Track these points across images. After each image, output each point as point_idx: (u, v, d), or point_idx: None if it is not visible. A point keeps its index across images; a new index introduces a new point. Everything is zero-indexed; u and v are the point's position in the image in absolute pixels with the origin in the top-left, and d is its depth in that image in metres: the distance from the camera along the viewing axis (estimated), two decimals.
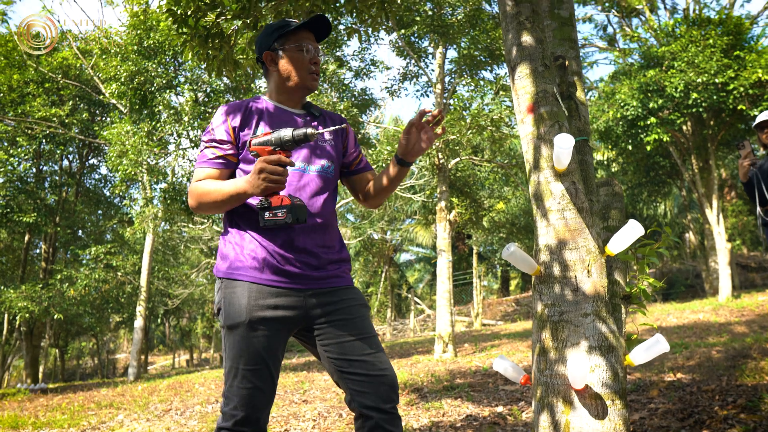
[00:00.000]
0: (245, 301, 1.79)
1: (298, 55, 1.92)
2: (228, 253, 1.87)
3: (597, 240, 2.13)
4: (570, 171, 2.12)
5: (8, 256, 18.82)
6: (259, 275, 1.82)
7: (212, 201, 1.81)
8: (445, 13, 9.17)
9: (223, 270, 1.86)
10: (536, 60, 2.22)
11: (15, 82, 14.33)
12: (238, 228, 1.89)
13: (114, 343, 40.01)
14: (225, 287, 1.84)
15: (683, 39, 12.83)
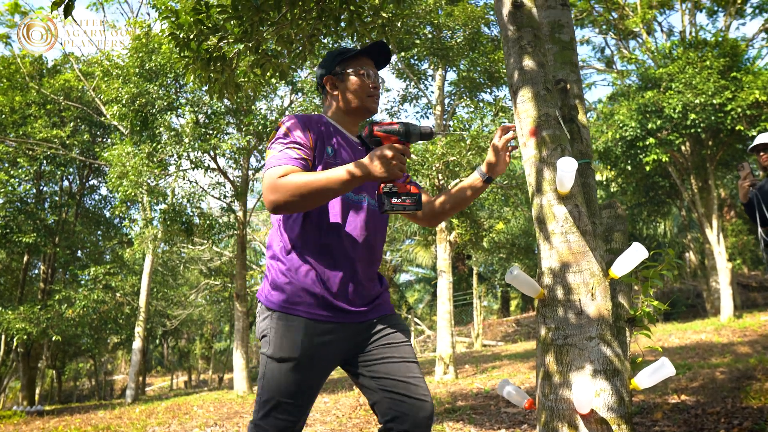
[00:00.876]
0: (300, 337, 1.78)
1: (358, 79, 1.96)
2: (283, 286, 1.81)
3: (600, 263, 2.13)
4: (573, 194, 2.13)
5: (6, 276, 18.75)
6: (315, 311, 1.80)
7: (315, 189, 1.68)
8: (444, 36, 9.27)
9: (277, 302, 1.81)
10: (538, 84, 2.24)
11: (17, 104, 14.42)
12: (298, 254, 1.83)
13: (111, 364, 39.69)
14: (278, 318, 1.80)
15: (680, 61, 12.96)
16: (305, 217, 1.84)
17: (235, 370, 11.33)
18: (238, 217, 11.32)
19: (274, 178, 1.71)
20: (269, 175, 1.74)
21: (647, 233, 23.32)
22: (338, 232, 1.87)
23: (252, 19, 3.85)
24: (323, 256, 1.83)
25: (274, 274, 1.84)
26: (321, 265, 1.82)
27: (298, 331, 1.77)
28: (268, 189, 1.72)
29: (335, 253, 1.85)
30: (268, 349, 1.80)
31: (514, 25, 2.33)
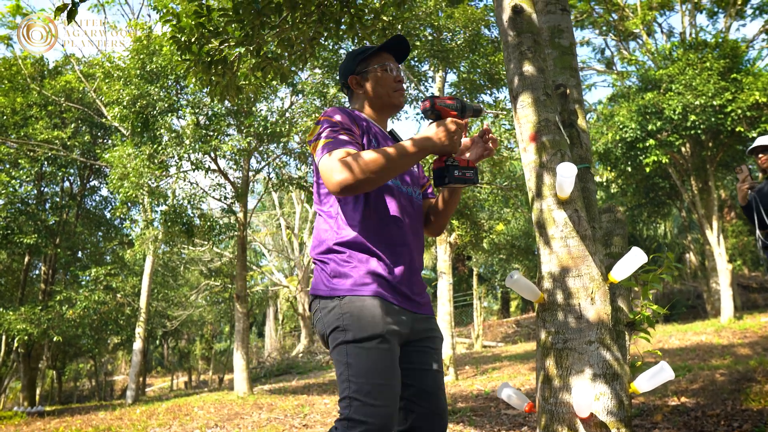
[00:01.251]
0: (378, 313, 1.72)
1: (382, 74, 1.97)
2: (348, 272, 1.77)
3: (600, 267, 2.14)
4: (572, 199, 2.14)
5: (7, 277, 18.77)
6: (385, 291, 1.77)
7: (384, 165, 1.67)
8: (444, 38, 9.29)
9: (346, 287, 1.75)
10: (538, 89, 2.26)
11: (18, 105, 14.45)
12: (360, 243, 1.80)
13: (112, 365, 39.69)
14: (349, 302, 1.73)
15: (680, 62, 12.98)
16: (365, 205, 1.82)
17: (236, 371, 11.34)
18: (239, 218, 11.33)
19: (338, 159, 1.68)
20: (331, 157, 1.70)
21: (647, 234, 23.34)
22: (396, 221, 1.87)
23: (253, 23, 3.87)
24: (385, 244, 1.81)
25: (334, 265, 1.79)
26: (383, 253, 1.80)
27: (374, 308, 1.72)
28: (334, 170, 1.67)
29: (396, 240, 1.84)
30: (348, 335, 1.72)
31: (514, 30, 2.34)
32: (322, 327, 1.78)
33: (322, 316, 1.78)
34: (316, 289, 1.82)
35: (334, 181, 1.67)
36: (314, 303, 1.83)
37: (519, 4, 2.36)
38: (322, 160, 1.73)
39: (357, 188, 1.67)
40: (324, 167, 1.71)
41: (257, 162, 12.36)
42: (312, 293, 1.85)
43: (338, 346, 1.73)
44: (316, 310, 1.82)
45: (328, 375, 14.39)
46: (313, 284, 1.86)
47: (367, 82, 1.98)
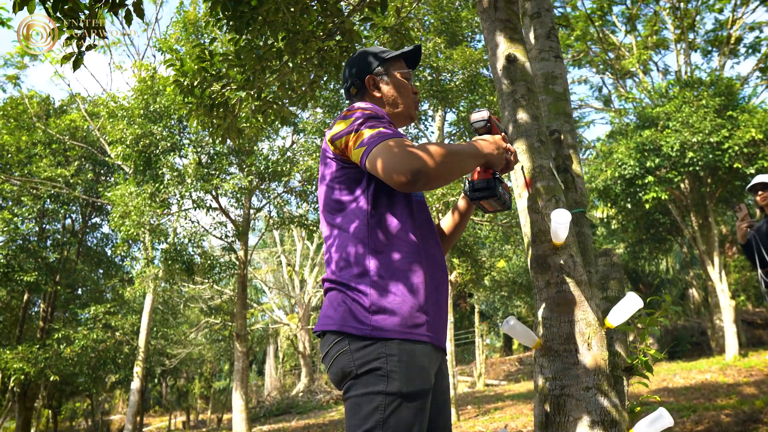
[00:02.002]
0: (427, 361, 1.48)
1: (404, 82, 1.81)
2: (394, 307, 1.46)
3: (596, 312, 2.15)
4: (567, 244, 2.16)
5: (6, 314, 18.66)
6: (431, 333, 1.52)
7: (456, 158, 1.50)
8: (443, 79, 9.46)
9: (395, 327, 1.44)
10: (532, 136, 2.30)
11: (23, 144, 14.62)
12: (405, 269, 1.51)
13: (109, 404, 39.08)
14: (400, 346, 1.43)
15: (677, 100, 13.15)
16: (409, 216, 1.60)
17: (234, 412, 11.18)
18: (239, 256, 11.33)
19: (403, 146, 1.45)
20: (392, 144, 1.45)
21: (649, 270, 23.24)
22: (435, 238, 1.68)
23: (254, 68, 3.96)
24: (430, 269, 1.57)
25: (375, 295, 1.46)
26: (430, 281, 1.55)
27: (426, 358, 1.47)
28: (404, 156, 1.42)
29: (438, 263, 1.64)
30: (392, 385, 1.40)
31: (508, 79, 2.40)
32: (348, 363, 1.43)
33: (350, 351, 1.43)
34: (343, 325, 1.46)
35: (406, 167, 1.40)
36: (339, 343, 1.46)
37: (512, 53, 2.42)
38: (375, 149, 1.46)
39: (434, 179, 1.44)
40: (384, 155, 1.44)
41: (258, 200, 12.43)
42: (335, 328, 1.47)
43: (372, 394, 1.40)
44: (339, 349, 1.46)
45: (329, 415, 14.16)
46: (335, 318, 1.48)
47: (387, 85, 1.79)
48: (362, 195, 1.58)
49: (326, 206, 1.64)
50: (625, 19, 17.33)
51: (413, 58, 1.91)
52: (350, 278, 1.50)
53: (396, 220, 1.56)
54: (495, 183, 1.70)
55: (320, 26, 3.95)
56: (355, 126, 1.55)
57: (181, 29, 10.69)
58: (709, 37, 17.19)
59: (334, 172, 1.62)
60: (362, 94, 1.82)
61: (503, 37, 2.47)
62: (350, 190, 1.59)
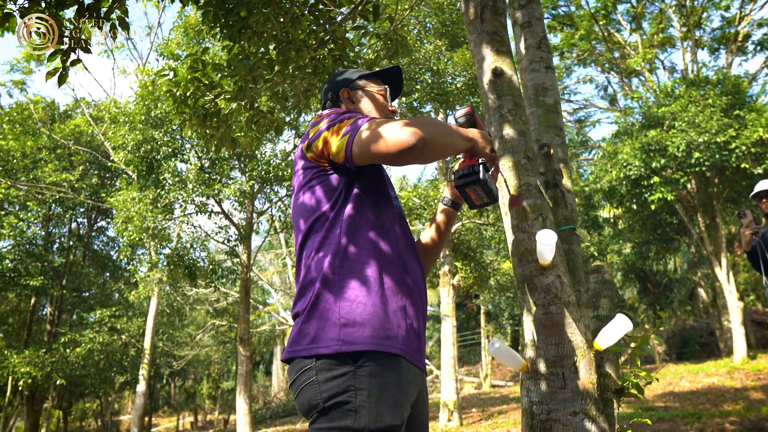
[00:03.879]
0: (402, 386, 1.36)
1: (380, 98, 1.78)
2: (364, 318, 1.35)
3: (585, 333, 2.09)
4: (555, 264, 2.10)
5: (15, 317, 18.79)
6: (410, 349, 1.41)
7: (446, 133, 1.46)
8: (444, 82, 9.40)
9: (362, 339, 1.33)
10: (519, 153, 2.24)
11: (28, 149, 14.70)
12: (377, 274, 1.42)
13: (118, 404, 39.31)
14: (372, 364, 1.32)
15: (683, 99, 13.01)
16: (377, 220, 1.50)
17: (238, 415, 11.18)
18: (242, 260, 11.32)
19: (387, 120, 1.41)
20: (377, 122, 1.42)
21: (657, 269, 23.07)
22: (413, 253, 1.59)
23: (245, 78, 3.92)
24: (403, 280, 1.48)
25: (344, 308, 1.36)
26: (403, 291, 1.45)
27: (399, 387, 1.35)
28: (393, 127, 1.37)
29: (415, 276, 1.54)
30: (358, 421, 1.29)
31: (494, 93, 2.34)
32: (315, 395, 1.32)
33: (318, 382, 1.32)
34: (312, 346, 1.34)
35: (402, 134, 1.35)
36: (305, 372, 1.35)
37: (499, 66, 2.37)
38: (360, 131, 1.42)
39: (430, 145, 1.36)
40: (374, 132, 1.39)
41: (261, 204, 12.42)
42: (303, 354, 1.35)
43: (337, 429, 1.30)
44: (306, 380, 1.34)
45: None
46: (302, 343, 1.37)
47: (362, 98, 1.75)
48: (332, 212, 1.50)
49: (297, 219, 1.56)
50: (630, 17, 17.18)
51: (395, 82, 1.88)
52: (317, 294, 1.40)
53: (372, 232, 1.48)
54: (479, 168, 1.60)
55: (312, 35, 3.91)
56: (330, 123, 1.50)
57: (182, 34, 10.68)
58: (716, 35, 17.01)
59: (307, 183, 1.55)
60: (337, 108, 1.76)
61: (490, 49, 2.41)
62: (318, 207, 1.51)
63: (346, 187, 1.52)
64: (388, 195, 1.62)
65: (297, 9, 3.54)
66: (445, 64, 9.08)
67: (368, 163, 1.47)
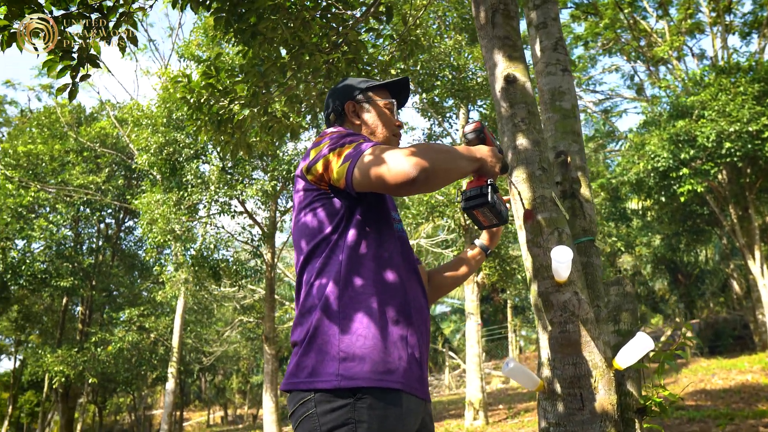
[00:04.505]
0: (403, 420, 1.34)
1: (386, 111, 1.72)
2: (363, 352, 1.33)
3: (604, 352, 2.01)
4: (571, 281, 2.02)
5: (48, 316, 19.27)
6: (411, 382, 1.38)
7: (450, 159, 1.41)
8: (465, 77, 9.26)
9: (363, 375, 1.31)
10: (533, 164, 2.15)
11: (56, 152, 14.98)
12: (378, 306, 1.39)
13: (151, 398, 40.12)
14: (371, 399, 1.29)
15: (712, 87, 12.64)
16: (378, 247, 1.46)
17: (265, 413, 11.27)
18: (266, 260, 11.37)
19: (390, 148, 1.37)
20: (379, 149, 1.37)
21: (688, 260, 22.57)
22: (417, 279, 1.56)
23: (257, 84, 3.89)
24: (406, 310, 1.44)
25: (344, 341, 1.34)
26: (404, 319, 1.42)
27: (400, 420, 1.33)
28: (396, 156, 1.33)
29: (417, 306, 1.50)
30: None
31: (507, 101, 2.26)
32: (314, 428, 1.30)
33: (317, 414, 1.30)
34: (309, 381, 1.32)
35: (404, 165, 1.31)
36: (305, 404, 1.32)
37: (512, 73, 2.28)
38: (362, 157, 1.38)
39: (433, 175, 1.33)
40: (376, 160, 1.35)
41: (284, 202, 12.45)
42: (302, 387, 1.33)
43: None
44: (304, 412, 1.32)
45: None
46: (300, 375, 1.35)
47: (367, 113, 1.70)
48: (334, 234, 1.46)
49: (298, 239, 1.52)
50: (656, 3, 16.72)
51: (401, 93, 1.82)
52: (317, 324, 1.37)
53: (371, 261, 1.44)
54: (488, 189, 1.56)
55: (324, 39, 3.86)
56: (331, 146, 1.46)
57: (202, 35, 10.72)
58: (748, 19, 16.45)
59: (309, 204, 1.51)
60: (341, 121, 1.73)
61: (502, 55, 2.32)
62: (321, 229, 1.47)
63: (348, 211, 1.48)
64: (390, 219, 1.58)
65: (307, 13, 3.49)
66: (465, 59, 8.95)
67: (369, 191, 1.43)
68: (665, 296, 26.25)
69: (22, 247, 15.20)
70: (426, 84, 9.08)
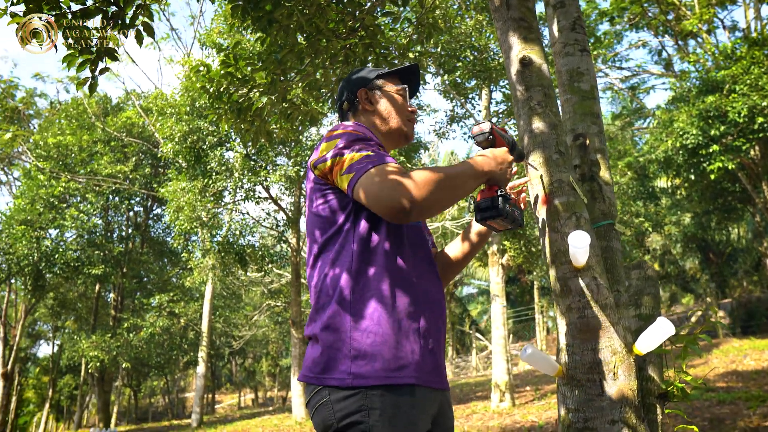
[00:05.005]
0: (416, 411, 1.35)
1: (399, 98, 1.70)
2: (375, 349, 1.33)
3: (624, 337, 1.98)
4: (590, 266, 1.99)
5: (82, 303, 19.81)
6: (426, 375, 1.39)
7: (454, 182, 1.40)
8: (487, 58, 9.13)
9: (372, 373, 1.32)
10: (550, 147, 2.12)
11: (84, 143, 15.27)
12: (390, 302, 1.38)
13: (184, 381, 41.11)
14: (382, 397, 1.31)
15: (744, 61, 12.24)
16: (394, 245, 1.45)
17: (293, 396, 11.46)
18: (291, 245, 11.48)
19: (395, 174, 1.34)
20: (383, 171, 1.35)
21: (720, 239, 22.10)
22: (428, 266, 1.55)
23: (275, 72, 3.90)
24: (419, 303, 1.44)
25: (355, 338, 1.34)
26: (418, 316, 1.42)
27: (414, 407, 1.34)
28: (398, 184, 1.32)
29: (432, 294, 1.50)
30: None
31: (523, 84, 2.22)
32: (329, 416, 1.32)
33: (331, 402, 1.33)
34: (322, 376, 1.35)
35: (393, 199, 1.31)
36: (319, 392, 1.35)
37: (527, 55, 2.24)
38: (362, 177, 1.36)
39: (426, 209, 1.34)
40: (371, 185, 1.34)
41: None
42: (315, 382, 1.36)
43: None
44: (319, 400, 1.35)
45: None
46: (314, 369, 1.37)
47: (381, 99, 1.68)
48: (346, 224, 1.46)
49: (312, 228, 1.53)
50: None
51: (412, 80, 1.80)
52: (329, 320, 1.38)
53: (384, 251, 1.43)
54: (499, 201, 1.54)
55: (341, 24, 3.84)
56: (338, 149, 1.44)
57: (223, 22, 10.75)
58: None
59: (320, 193, 1.51)
60: (354, 109, 1.71)
61: (517, 37, 2.29)
62: (333, 219, 1.48)
63: (356, 205, 1.48)
64: None
65: (322, 0, 3.47)
66: (486, 39, 8.83)
67: None
68: (696, 275, 25.79)
69: (55, 236, 15.61)
70: (447, 65, 8.99)
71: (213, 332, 16.64)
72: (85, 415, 28.02)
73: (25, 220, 14.36)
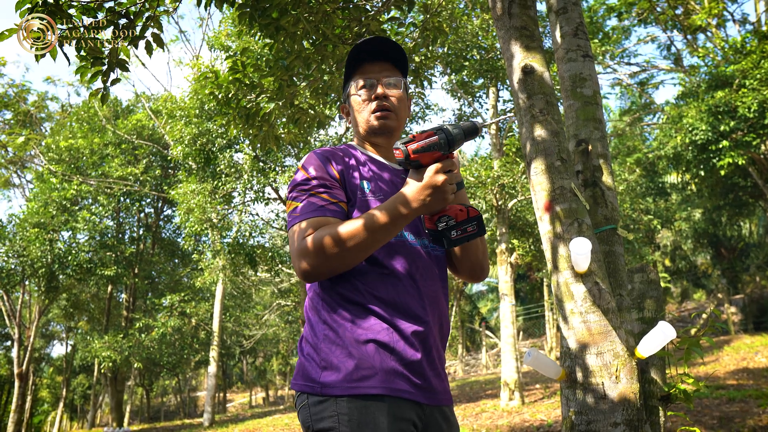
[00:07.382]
0: (384, 420, 1.34)
1: (355, 98, 1.61)
2: (339, 361, 1.37)
3: (627, 341, 2.02)
4: (592, 271, 2.03)
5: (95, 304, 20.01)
6: (395, 384, 1.38)
7: (354, 245, 1.36)
8: (493, 57, 9.13)
9: (338, 383, 1.36)
10: (552, 154, 2.16)
11: (95, 146, 15.42)
12: (359, 316, 1.41)
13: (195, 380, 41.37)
14: (349, 404, 1.34)
15: (754, 55, 12.14)
16: (366, 267, 1.45)
17: None
18: None
19: (300, 238, 1.38)
20: (293, 234, 1.40)
21: (731, 234, 21.95)
22: (409, 283, 1.47)
23: (282, 78, 3.94)
24: (393, 315, 1.42)
25: (323, 349, 1.39)
26: (391, 327, 1.41)
27: (380, 415, 1.34)
28: (295, 254, 1.38)
29: (408, 310, 1.45)
30: None
31: (525, 92, 2.26)
32: (306, 419, 1.40)
33: (308, 405, 1.39)
34: (299, 383, 1.43)
35: (295, 267, 1.41)
36: (299, 398, 1.43)
37: (529, 64, 2.28)
38: (289, 233, 1.44)
39: (323, 274, 1.39)
40: (290, 244, 1.41)
41: None
42: (296, 388, 1.44)
43: None
44: (300, 403, 1.42)
45: None
46: (296, 377, 1.46)
47: (351, 107, 1.63)
48: None
49: None
50: None
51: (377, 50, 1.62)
52: (307, 331, 1.46)
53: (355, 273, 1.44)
54: (443, 234, 1.43)
55: (347, 30, 3.88)
56: (288, 192, 1.53)
57: (231, 24, 10.82)
58: None
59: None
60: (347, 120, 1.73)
61: (519, 46, 2.32)
62: None
63: None
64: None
65: (328, 6, 3.51)
66: (493, 38, 8.83)
67: None
68: (708, 271, 25.63)
69: (68, 239, 15.77)
70: (454, 65, 9.01)
71: (224, 332, 16.77)
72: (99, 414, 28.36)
73: (38, 222, 14.54)
